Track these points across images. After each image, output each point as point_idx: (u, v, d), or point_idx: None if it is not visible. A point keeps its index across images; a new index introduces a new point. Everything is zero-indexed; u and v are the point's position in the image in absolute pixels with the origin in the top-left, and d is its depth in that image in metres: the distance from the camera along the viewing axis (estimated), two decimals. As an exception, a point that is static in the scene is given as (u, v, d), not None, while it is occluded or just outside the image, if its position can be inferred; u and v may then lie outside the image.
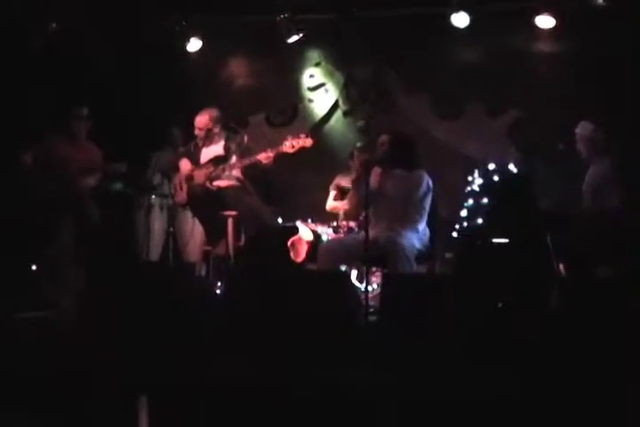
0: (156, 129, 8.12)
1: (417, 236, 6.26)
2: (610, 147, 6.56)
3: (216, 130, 7.13)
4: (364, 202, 5.96)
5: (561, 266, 6.23)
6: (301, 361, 4.52)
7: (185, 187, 7.08)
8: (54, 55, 7.93)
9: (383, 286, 5.22)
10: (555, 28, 7.74)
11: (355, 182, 6.51)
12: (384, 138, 6.47)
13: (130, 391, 4.30)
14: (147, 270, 6.08)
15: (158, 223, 7.86)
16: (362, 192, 6.04)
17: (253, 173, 7.07)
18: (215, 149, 7.10)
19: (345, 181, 7.50)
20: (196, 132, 7.14)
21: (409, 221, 6.31)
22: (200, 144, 7.18)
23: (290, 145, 6.74)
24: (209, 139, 7.13)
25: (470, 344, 4.49)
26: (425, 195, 6.34)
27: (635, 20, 7.35)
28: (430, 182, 6.38)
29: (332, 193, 7.69)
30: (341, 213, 7.51)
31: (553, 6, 7.65)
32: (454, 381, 4.26)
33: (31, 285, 6.91)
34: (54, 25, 7.74)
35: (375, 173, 6.45)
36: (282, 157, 6.87)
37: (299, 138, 6.77)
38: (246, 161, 6.91)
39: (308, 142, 6.79)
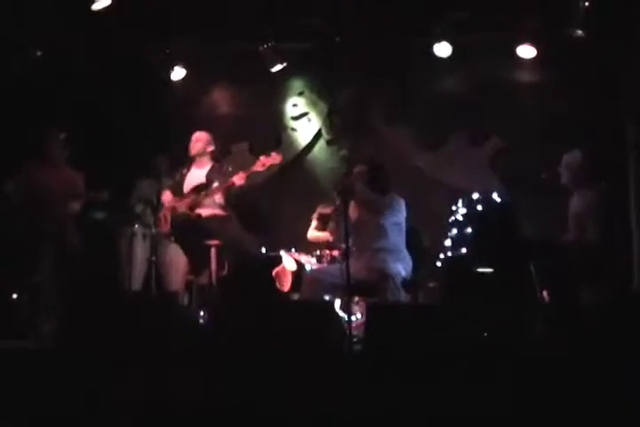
0: (138, 157, 8.11)
1: (402, 264, 6.29)
2: (593, 177, 6.60)
3: (201, 145, 7.16)
4: (344, 232, 5.99)
5: (544, 294, 6.25)
6: (285, 391, 4.49)
7: (169, 218, 7.08)
8: (36, 81, 7.91)
9: (368, 315, 5.21)
10: (536, 57, 7.80)
11: (334, 214, 6.57)
12: (361, 169, 6.54)
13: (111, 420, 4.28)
14: (129, 300, 6.05)
15: (141, 252, 7.81)
16: (341, 224, 6.09)
17: (236, 200, 7.09)
18: (199, 176, 7.10)
19: (326, 211, 7.51)
20: (191, 150, 7.14)
21: (390, 247, 6.35)
22: (185, 172, 7.17)
23: (260, 164, 6.80)
24: (198, 157, 7.13)
25: (457, 373, 4.48)
26: (398, 214, 6.39)
27: (613, 50, 7.43)
28: (402, 202, 6.44)
29: (314, 223, 7.68)
30: (323, 242, 7.51)
31: (534, 37, 7.71)
32: (439, 410, 4.25)
33: (12, 313, 6.86)
34: (39, 53, 7.72)
35: (352, 206, 6.48)
36: (264, 185, 6.91)
37: (269, 156, 6.83)
38: (223, 185, 6.94)
39: (278, 159, 6.87)
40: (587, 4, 7.25)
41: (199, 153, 7.22)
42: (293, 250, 7.61)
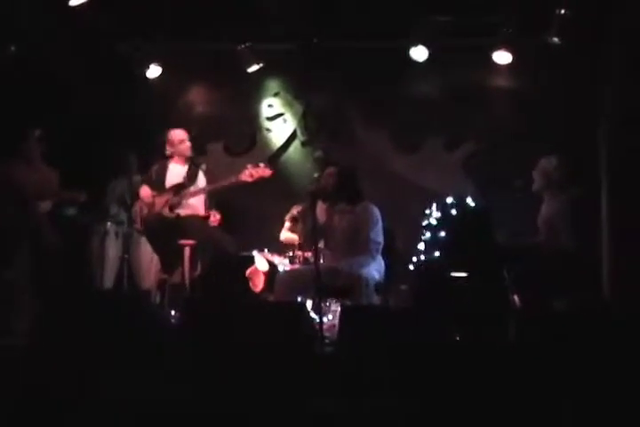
0: (113, 156, 8.07)
1: (374, 266, 6.30)
2: (569, 183, 6.67)
3: (188, 144, 7.14)
4: (312, 234, 6.00)
5: (515, 298, 6.29)
6: (257, 391, 4.49)
7: (144, 213, 7.06)
8: (10, 78, 7.84)
9: (342, 318, 5.20)
10: (512, 64, 7.85)
11: (302, 215, 6.56)
12: (330, 171, 6.55)
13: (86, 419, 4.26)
14: (100, 297, 6.01)
15: (113, 250, 7.79)
16: (309, 224, 6.10)
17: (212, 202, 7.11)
18: (180, 172, 7.09)
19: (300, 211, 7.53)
20: (172, 148, 7.12)
21: (364, 254, 6.34)
22: (164, 165, 7.15)
23: (249, 174, 6.79)
24: (181, 154, 7.12)
25: (428, 376, 4.49)
26: (374, 227, 6.39)
27: (588, 57, 7.49)
28: (377, 212, 6.44)
29: (287, 224, 7.69)
30: (296, 244, 7.51)
31: (510, 43, 7.76)
32: (412, 412, 4.27)
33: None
34: (13, 48, 7.65)
35: (321, 208, 6.48)
36: (239, 186, 6.94)
37: (258, 167, 6.82)
38: (208, 188, 6.96)
39: (267, 173, 6.86)
40: (563, 11, 7.31)
41: (189, 154, 7.20)
42: (266, 251, 7.61)
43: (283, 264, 7.34)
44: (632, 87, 6.83)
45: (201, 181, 7.17)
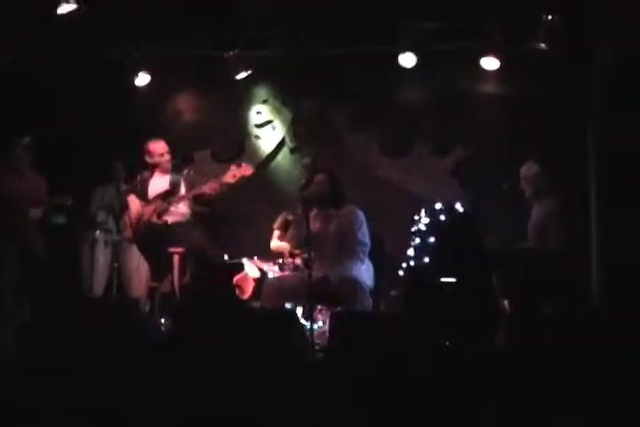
0: (100, 163, 8.05)
1: (365, 270, 6.32)
2: (553, 188, 6.69)
3: (168, 157, 7.12)
4: (304, 241, 5.99)
5: (505, 303, 6.31)
6: (247, 399, 4.48)
7: (134, 223, 7.04)
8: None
9: (332, 324, 5.20)
10: (499, 69, 7.86)
11: (294, 222, 6.58)
12: (322, 177, 6.56)
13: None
14: (89, 305, 6.00)
15: (102, 258, 7.77)
16: (302, 231, 6.11)
17: (200, 209, 7.08)
18: (163, 183, 7.08)
19: (289, 218, 7.53)
20: (152, 159, 7.09)
21: (353, 257, 6.36)
22: (147, 176, 7.14)
23: (231, 175, 6.77)
24: (161, 167, 7.10)
25: (418, 382, 4.49)
26: (359, 228, 6.42)
27: (576, 63, 7.51)
28: (361, 214, 6.48)
29: (276, 233, 7.67)
30: (286, 252, 7.50)
31: (497, 49, 7.77)
32: (401, 417, 4.27)
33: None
34: (9, 56, 7.63)
35: (311, 215, 6.50)
36: (228, 192, 6.94)
37: (240, 167, 6.81)
38: (193, 192, 6.94)
39: (249, 171, 6.84)
40: (550, 17, 7.33)
41: (168, 167, 7.18)
42: (255, 258, 7.61)
43: (272, 271, 7.34)
44: (617, 93, 6.84)
45: (182, 187, 7.15)
